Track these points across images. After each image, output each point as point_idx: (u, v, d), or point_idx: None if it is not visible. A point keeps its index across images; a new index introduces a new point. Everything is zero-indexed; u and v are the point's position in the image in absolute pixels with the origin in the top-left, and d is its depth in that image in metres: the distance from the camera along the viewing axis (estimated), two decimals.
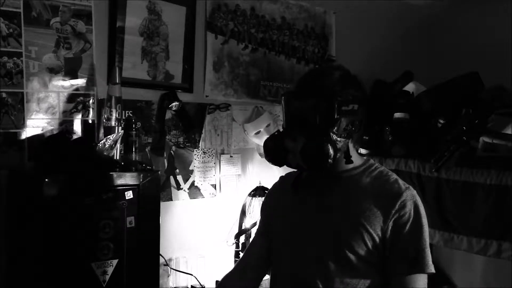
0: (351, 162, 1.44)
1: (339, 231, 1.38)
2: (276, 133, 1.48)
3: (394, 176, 1.45)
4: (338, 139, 1.39)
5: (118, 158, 1.98)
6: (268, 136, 1.49)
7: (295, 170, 1.51)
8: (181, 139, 2.49)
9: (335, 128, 1.37)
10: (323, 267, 1.38)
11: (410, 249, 1.35)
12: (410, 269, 1.34)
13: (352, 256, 1.35)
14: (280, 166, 1.47)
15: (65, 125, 2.10)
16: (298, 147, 1.37)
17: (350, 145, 1.45)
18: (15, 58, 1.98)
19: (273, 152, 1.46)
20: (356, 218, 1.36)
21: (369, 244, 1.35)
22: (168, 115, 2.41)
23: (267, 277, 2.49)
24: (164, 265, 2.32)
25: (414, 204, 1.37)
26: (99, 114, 2.16)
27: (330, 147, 1.34)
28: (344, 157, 1.42)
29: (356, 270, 1.36)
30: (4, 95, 1.96)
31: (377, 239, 1.35)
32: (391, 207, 1.36)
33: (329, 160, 1.35)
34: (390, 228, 1.35)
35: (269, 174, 2.47)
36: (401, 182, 1.42)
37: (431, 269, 1.35)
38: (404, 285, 1.34)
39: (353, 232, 1.36)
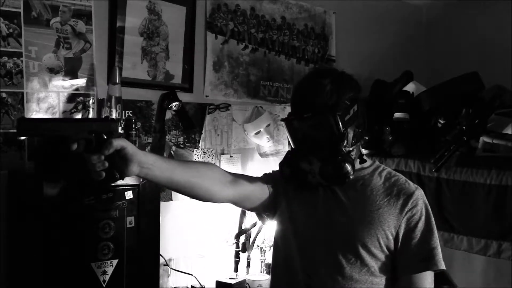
0: (365, 161, 1.47)
1: (353, 228, 1.39)
2: (288, 155, 1.46)
3: (402, 176, 1.48)
4: (351, 148, 1.40)
5: None
6: (281, 160, 1.46)
7: None
8: (181, 139, 2.49)
9: (345, 141, 1.38)
10: (333, 263, 1.39)
11: (422, 247, 1.38)
12: (423, 267, 1.38)
13: (364, 253, 1.37)
14: (301, 187, 1.46)
15: None
16: (316, 169, 1.37)
17: (360, 146, 1.47)
18: (15, 58, 1.98)
19: (292, 178, 1.44)
20: (371, 216, 1.39)
21: (382, 241, 1.38)
22: (168, 115, 2.41)
23: (264, 277, 2.50)
24: (164, 265, 2.32)
25: (425, 204, 1.42)
26: (99, 114, 2.16)
27: (347, 164, 1.35)
28: (358, 157, 1.46)
29: (366, 267, 1.38)
30: (4, 95, 1.96)
31: (390, 236, 1.38)
32: (404, 206, 1.39)
33: (350, 177, 1.36)
34: (402, 226, 1.39)
35: None
36: (410, 182, 1.46)
37: (443, 265, 1.39)
38: (415, 282, 1.37)
39: (367, 229, 1.38)
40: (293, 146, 1.47)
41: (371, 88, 3.07)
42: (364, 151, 2.75)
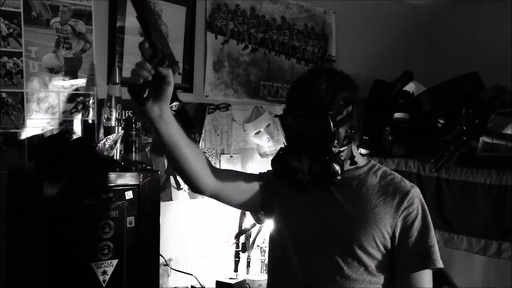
0: (356, 163, 1.46)
1: (349, 227, 1.39)
2: (280, 151, 1.46)
3: (398, 175, 1.48)
4: (341, 149, 1.39)
5: (118, 158, 1.98)
6: (273, 156, 1.46)
7: None
8: None
9: (335, 141, 1.37)
10: (331, 263, 1.39)
11: (420, 245, 1.38)
12: (421, 265, 1.37)
13: (360, 253, 1.37)
14: (292, 184, 1.46)
15: (65, 125, 2.10)
16: (305, 167, 1.37)
17: (354, 147, 1.46)
18: (15, 58, 1.98)
19: (283, 174, 1.44)
20: (366, 215, 1.38)
21: (378, 241, 1.37)
22: None
23: (264, 277, 2.49)
24: (164, 265, 2.32)
25: (421, 202, 1.42)
26: (99, 114, 2.16)
27: (335, 164, 1.34)
28: (349, 159, 1.44)
29: (363, 267, 1.38)
30: (4, 95, 1.96)
31: (386, 235, 1.38)
32: (400, 204, 1.39)
33: (338, 177, 1.36)
34: (399, 224, 1.39)
35: None
36: (406, 180, 1.46)
37: (441, 264, 1.38)
38: (413, 280, 1.37)
39: (363, 229, 1.37)
40: (285, 143, 1.46)
41: (371, 88, 3.07)
42: (364, 151, 2.75)
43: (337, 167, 1.34)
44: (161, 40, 1.22)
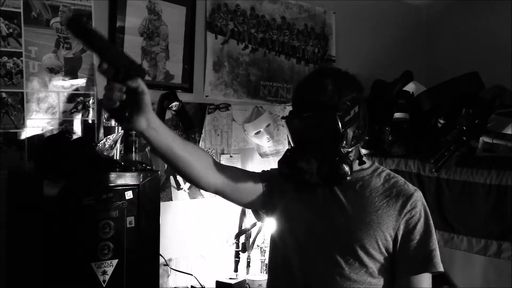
0: (364, 162, 1.47)
1: (352, 228, 1.39)
2: (287, 153, 1.45)
3: (402, 178, 1.48)
4: (349, 149, 1.39)
5: (118, 158, 1.98)
6: (280, 158, 1.45)
7: None
8: None
9: (344, 142, 1.37)
10: (332, 263, 1.39)
11: (421, 249, 1.38)
12: (421, 268, 1.37)
13: (362, 254, 1.37)
14: (300, 186, 1.45)
15: (65, 125, 2.10)
16: (313, 169, 1.36)
17: (360, 147, 1.46)
18: (15, 58, 1.98)
19: (291, 177, 1.43)
20: (369, 217, 1.39)
21: (380, 243, 1.38)
22: (168, 115, 2.41)
23: (264, 277, 2.49)
24: (164, 265, 2.32)
25: (423, 206, 1.42)
26: (99, 114, 2.16)
27: (344, 165, 1.35)
28: (357, 159, 1.45)
29: (364, 268, 1.38)
30: (4, 95, 1.96)
31: (389, 238, 1.38)
32: (403, 207, 1.39)
33: (348, 177, 1.36)
34: (401, 227, 1.39)
35: None
36: (409, 184, 1.46)
37: (441, 268, 1.38)
38: (413, 283, 1.37)
39: (366, 230, 1.38)
40: (292, 145, 1.47)
41: (371, 88, 3.07)
42: (364, 151, 2.75)
43: (347, 168, 1.35)
44: (116, 54, 1.17)
